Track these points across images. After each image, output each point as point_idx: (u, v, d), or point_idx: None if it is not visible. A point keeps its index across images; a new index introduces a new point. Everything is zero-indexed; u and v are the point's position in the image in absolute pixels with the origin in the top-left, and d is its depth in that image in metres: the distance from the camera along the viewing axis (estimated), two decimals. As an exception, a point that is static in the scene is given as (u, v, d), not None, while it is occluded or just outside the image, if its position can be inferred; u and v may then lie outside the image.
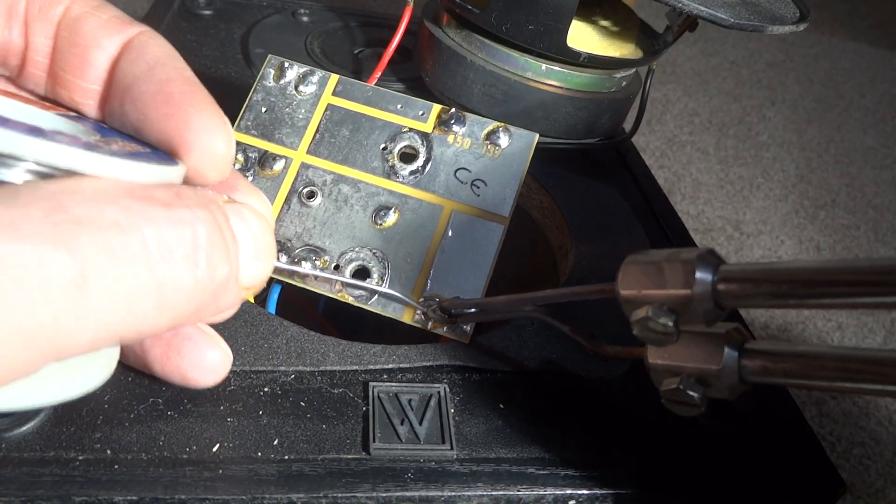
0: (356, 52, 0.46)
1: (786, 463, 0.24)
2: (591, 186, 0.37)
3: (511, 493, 0.21)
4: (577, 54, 0.35)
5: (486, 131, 0.29)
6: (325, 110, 0.30)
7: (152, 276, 0.12)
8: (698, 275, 0.17)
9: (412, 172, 0.29)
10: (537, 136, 0.30)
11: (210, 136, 0.15)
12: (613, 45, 0.37)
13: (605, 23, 0.37)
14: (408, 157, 0.29)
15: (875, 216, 0.88)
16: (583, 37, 0.36)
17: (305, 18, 0.48)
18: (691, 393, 0.18)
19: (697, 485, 0.23)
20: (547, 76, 0.36)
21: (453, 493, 0.21)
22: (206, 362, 0.16)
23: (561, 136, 0.39)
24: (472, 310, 0.26)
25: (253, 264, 0.15)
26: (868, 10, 1.56)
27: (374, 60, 0.39)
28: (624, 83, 0.40)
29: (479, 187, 0.29)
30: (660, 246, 0.34)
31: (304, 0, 0.51)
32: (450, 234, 0.28)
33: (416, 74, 0.41)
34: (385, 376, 0.24)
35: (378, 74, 0.38)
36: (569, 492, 0.22)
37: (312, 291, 0.27)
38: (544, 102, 0.37)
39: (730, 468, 0.24)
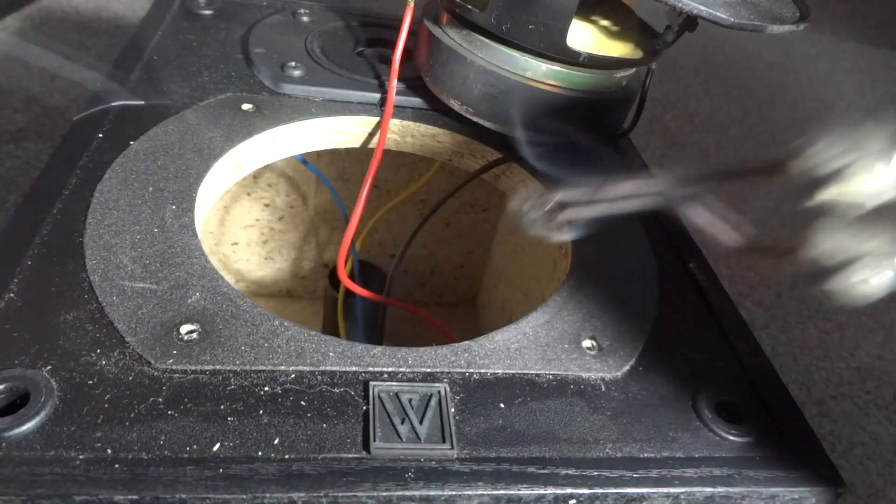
0: (356, 52, 0.46)
1: (786, 463, 0.24)
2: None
3: (512, 492, 0.21)
4: (577, 54, 0.35)
5: None
6: None
7: None
8: None
9: None
10: None
11: None
12: (613, 44, 0.37)
13: (604, 23, 0.37)
14: None
15: (875, 216, 0.88)
16: (582, 37, 0.36)
17: (305, 18, 0.48)
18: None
19: (697, 483, 0.23)
20: (547, 76, 0.36)
21: (454, 493, 0.21)
22: None
23: (560, 136, 0.38)
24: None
25: None
26: (868, 10, 1.56)
27: (374, 60, 0.39)
28: (624, 83, 0.40)
29: None
30: (658, 244, 0.34)
31: (304, 0, 0.51)
32: None
33: (417, 74, 0.41)
34: (385, 375, 0.24)
35: (395, 81, 0.38)
36: (569, 491, 0.22)
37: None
38: (544, 102, 0.37)
39: (729, 467, 0.24)
